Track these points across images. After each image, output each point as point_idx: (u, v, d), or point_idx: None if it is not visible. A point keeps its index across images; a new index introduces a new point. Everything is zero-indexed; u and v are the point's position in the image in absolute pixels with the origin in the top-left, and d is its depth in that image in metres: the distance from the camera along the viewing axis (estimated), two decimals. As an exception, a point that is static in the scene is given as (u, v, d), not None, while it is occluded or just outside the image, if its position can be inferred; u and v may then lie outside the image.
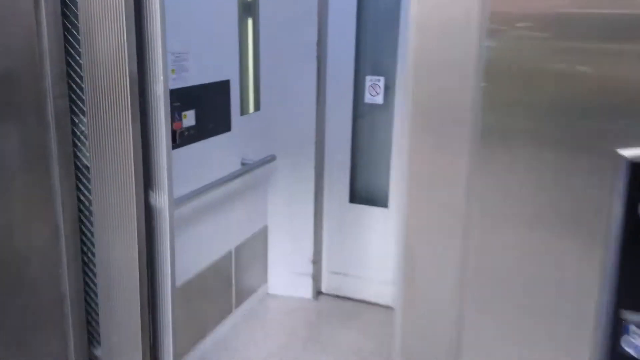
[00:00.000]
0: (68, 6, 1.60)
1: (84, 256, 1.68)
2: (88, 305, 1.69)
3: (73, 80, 1.62)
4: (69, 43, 1.60)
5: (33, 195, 1.56)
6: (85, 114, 1.57)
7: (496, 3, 0.96)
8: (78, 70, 1.62)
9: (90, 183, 1.61)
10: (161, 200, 1.57)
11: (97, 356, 1.70)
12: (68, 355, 1.65)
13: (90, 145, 1.55)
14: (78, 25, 1.54)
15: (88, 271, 1.69)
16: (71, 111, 1.62)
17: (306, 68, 2.91)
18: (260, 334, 2.84)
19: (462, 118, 1.02)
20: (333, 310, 3.11)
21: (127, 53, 1.45)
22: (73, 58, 1.63)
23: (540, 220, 1.00)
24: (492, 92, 0.99)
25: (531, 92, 0.96)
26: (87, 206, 1.68)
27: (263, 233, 3.13)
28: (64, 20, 1.55)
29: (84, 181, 1.70)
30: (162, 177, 1.57)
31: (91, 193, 1.59)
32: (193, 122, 2.36)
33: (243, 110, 2.80)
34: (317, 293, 3.26)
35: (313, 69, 2.90)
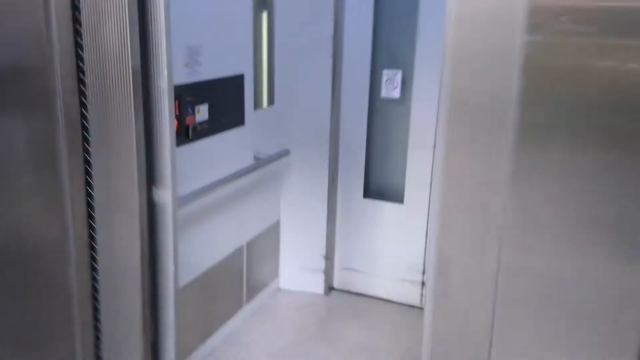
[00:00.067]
0: (79, -1, 1.58)
1: (93, 253, 1.68)
2: (93, 304, 1.69)
3: (83, 74, 1.60)
4: (80, 36, 1.58)
5: (41, 192, 1.56)
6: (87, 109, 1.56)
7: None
8: (82, 66, 1.60)
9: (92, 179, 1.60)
10: (164, 196, 1.56)
11: (99, 355, 1.70)
12: (76, 355, 1.65)
13: (92, 140, 1.54)
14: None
15: (93, 270, 1.69)
16: (81, 105, 1.61)
17: (321, 62, 2.87)
18: (270, 329, 2.83)
19: (503, 116, 0.98)
20: (344, 306, 3.09)
21: (130, 47, 1.44)
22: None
23: (581, 224, 0.96)
24: (534, 89, 0.94)
25: (575, 90, 0.92)
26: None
27: (275, 228, 3.11)
28: (75, 12, 1.54)
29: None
30: (166, 173, 1.55)
31: (94, 189, 1.58)
32: (206, 117, 2.34)
33: (257, 104, 2.77)
34: (329, 289, 3.24)
35: (328, 63, 2.86)
